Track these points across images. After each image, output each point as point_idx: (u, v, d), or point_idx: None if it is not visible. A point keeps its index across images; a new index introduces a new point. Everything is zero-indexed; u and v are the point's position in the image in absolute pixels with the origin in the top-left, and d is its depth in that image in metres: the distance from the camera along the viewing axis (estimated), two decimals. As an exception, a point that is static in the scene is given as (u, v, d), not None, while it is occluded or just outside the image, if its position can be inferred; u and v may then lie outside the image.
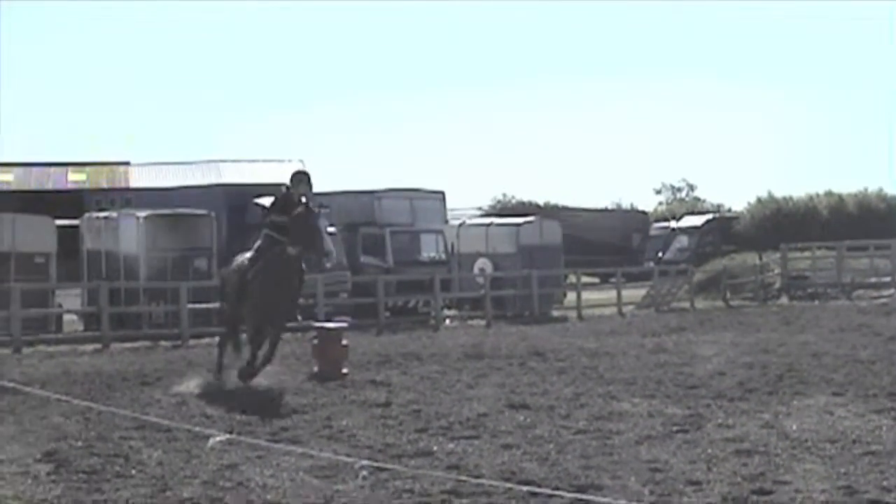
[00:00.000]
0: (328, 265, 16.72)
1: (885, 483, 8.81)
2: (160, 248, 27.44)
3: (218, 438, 11.16)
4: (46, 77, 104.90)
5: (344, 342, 17.20)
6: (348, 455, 10.34)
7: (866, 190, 57.38)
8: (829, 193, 56.52)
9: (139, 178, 36.20)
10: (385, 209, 34.21)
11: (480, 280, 32.53)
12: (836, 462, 9.68)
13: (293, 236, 15.25)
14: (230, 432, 11.62)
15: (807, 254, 41.22)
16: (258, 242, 15.67)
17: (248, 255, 15.91)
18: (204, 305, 25.01)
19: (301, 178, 15.79)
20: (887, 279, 37.23)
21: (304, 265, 15.83)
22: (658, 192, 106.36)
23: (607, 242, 52.57)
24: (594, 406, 13.29)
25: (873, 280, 37.98)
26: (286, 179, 16.21)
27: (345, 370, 16.68)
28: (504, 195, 63.55)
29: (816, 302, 35.60)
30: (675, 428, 11.60)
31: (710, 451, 10.32)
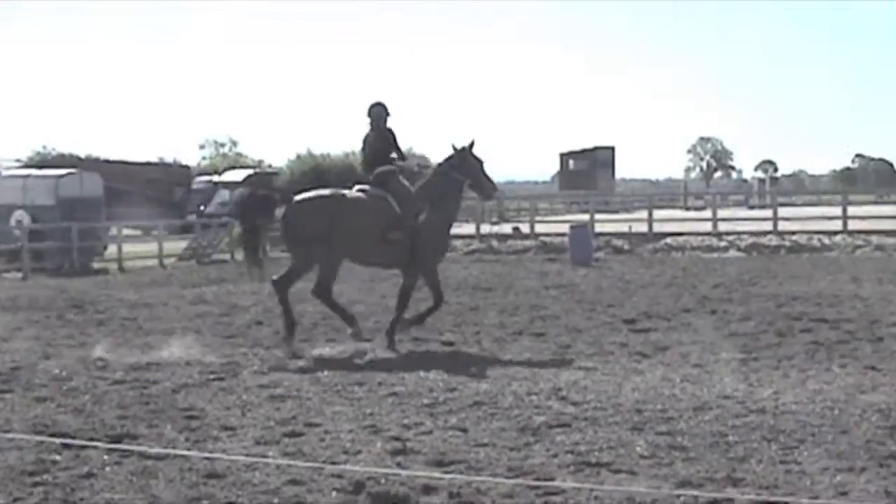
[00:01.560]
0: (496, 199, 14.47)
1: (405, 421, 9.26)
2: None
3: None
4: None
5: None
6: None
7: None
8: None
9: None
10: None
11: (17, 233, 31.15)
12: (363, 403, 10.07)
13: (469, 174, 14.52)
14: None
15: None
16: (377, 189, 14.09)
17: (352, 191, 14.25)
18: None
19: (380, 111, 14.47)
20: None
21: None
22: (202, 146, 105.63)
23: (149, 196, 51.74)
24: (132, 356, 13.08)
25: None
26: None
27: None
28: (44, 147, 61.06)
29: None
30: (212, 376, 11.65)
31: (245, 397, 10.44)
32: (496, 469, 7.69)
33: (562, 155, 65.89)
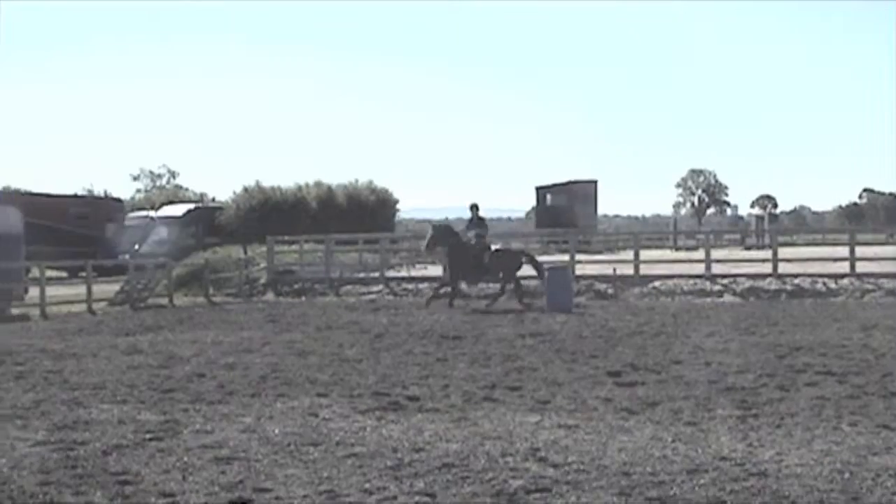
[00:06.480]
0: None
1: (367, 485, 9.21)
2: None
3: None
4: None
5: None
6: None
7: (356, 181, 59.60)
8: (318, 184, 58.15)
9: None
10: None
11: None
12: (319, 466, 10.02)
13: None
14: None
15: (294, 247, 42.21)
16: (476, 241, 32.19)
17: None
18: None
19: (475, 206, 32.64)
20: (375, 274, 38.87)
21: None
22: (136, 178, 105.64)
23: (77, 232, 51.55)
24: (57, 414, 12.98)
25: (361, 275, 39.52)
26: None
27: None
28: (-44, 178, 60.88)
29: (303, 298, 36.59)
30: (148, 436, 11.56)
31: (186, 459, 10.37)
32: (468, 540, 7.66)
33: (538, 189, 65.79)
